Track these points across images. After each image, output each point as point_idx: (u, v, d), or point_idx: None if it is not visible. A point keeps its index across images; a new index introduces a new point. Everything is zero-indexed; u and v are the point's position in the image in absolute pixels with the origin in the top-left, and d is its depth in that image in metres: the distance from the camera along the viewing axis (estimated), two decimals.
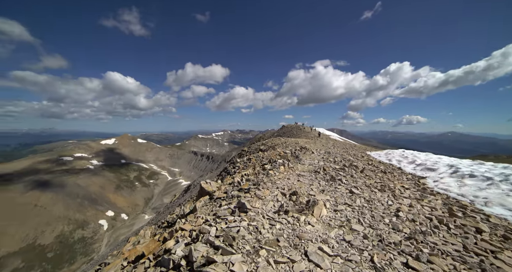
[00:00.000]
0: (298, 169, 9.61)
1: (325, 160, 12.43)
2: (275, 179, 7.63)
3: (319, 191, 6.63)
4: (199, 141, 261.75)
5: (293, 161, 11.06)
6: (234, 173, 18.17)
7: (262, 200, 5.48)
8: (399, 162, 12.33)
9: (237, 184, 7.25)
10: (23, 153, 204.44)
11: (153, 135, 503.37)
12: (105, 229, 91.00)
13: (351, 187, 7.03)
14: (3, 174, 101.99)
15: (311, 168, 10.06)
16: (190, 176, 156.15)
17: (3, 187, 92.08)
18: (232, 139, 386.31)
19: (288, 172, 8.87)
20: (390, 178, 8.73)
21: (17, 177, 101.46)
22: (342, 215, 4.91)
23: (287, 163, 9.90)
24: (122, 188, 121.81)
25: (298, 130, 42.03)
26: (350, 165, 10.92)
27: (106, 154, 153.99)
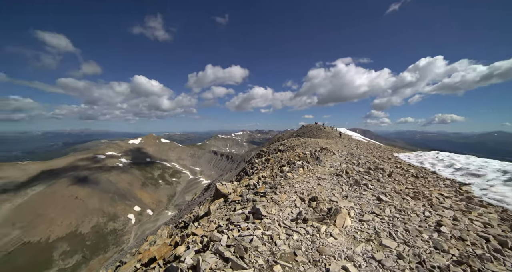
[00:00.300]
0: (318, 172, 9.03)
1: (347, 162, 11.60)
2: (293, 182, 7.19)
3: (341, 197, 6.05)
4: (219, 141, 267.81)
5: (313, 163, 10.46)
6: (252, 174, 17.98)
7: (278, 206, 5.11)
8: (433, 166, 11.01)
9: (253, 186, 6.97)
10: (67, 151, 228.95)
11: (176, 135, 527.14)
12: (133, 223, 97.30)
13: (379, 193, 6.30)
14: (52, 170, 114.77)
15: (333, 170, 9.40)
16: (210, 175, 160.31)
17: (52, 182, 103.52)
18: (251, 139, 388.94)
19: (307, 174, 8.35)
20: (424, 183, 7.72)
21: (62, 173, 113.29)
22: (369, 226, 4.29)
23: (307, 165, 9.36)
24: (147, 185, 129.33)
25: (318, 130, 40.56)
26: (376, 168, 10.00)
27: (133, 153, 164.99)
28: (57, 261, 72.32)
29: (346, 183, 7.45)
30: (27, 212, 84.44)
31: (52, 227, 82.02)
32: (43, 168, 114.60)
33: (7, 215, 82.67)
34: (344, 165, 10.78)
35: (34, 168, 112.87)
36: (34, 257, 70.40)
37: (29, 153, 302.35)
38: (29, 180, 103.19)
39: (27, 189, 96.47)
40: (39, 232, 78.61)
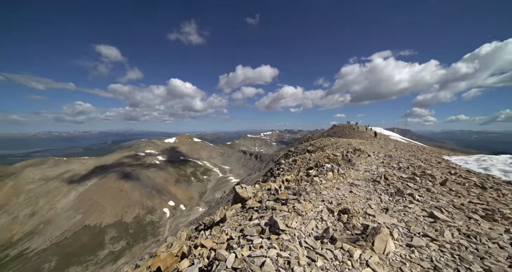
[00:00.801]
0: (350, 177, 7.87)
1: (386, 166, 10.02)
2: (320, 188, 6.29)
3: (380, 209, 4.94)
4: (248, 141, 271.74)
5: (345, 166, 9.27)
6: (277, 175, 17.24)
7: (301, 217, 4.35)
8: (506, 174, 8.71)
9: (275, 191, 6.28)
10: (114, 148, 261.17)
11: (207, 135, 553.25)
12: (168, 216, 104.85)
13: (431, 207, 4.96)
14: (103, 165, 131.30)
15: (368, 175, 8.10)
16: (239, 174, 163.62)
17: (104, 176, 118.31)
18: (280, 139, 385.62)
19: (337, 179, 7.31)
20: (497, 197, 5.94)
21: (111, 168, 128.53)
22: (423, 256, 3.09)
23: (337, 169, 8.27)
24: (180, 182, 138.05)
25: (351, 129, 37.47)
26: (423, 173, 8.29)
27: (169, 151, 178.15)
28: (108, 244, 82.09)
29: (386, 191, 6.20)
30: (86, 200, 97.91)
31: (104, 214, 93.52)
32: (97, 163, 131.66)
33: (73, 201, 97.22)
34: (382, 169, 9.29)
35: (91, 163, 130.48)
36: (91, 238, 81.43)
37: (87, 150, 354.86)
38: (88, 173, 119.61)
39: (86, 180, 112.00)
40: (94, 218, 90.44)
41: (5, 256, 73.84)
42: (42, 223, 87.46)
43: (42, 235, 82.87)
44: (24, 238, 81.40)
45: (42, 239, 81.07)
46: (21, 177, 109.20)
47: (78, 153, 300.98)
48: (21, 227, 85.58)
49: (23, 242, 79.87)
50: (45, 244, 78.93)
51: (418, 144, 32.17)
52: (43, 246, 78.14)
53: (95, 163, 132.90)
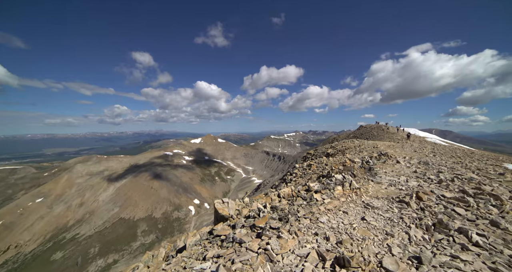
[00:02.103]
0: (367, 193, 5.96)
1: (420, 177, 7.66)
2: (319, 211, 4.63)
3: (407, 259, 3.08)
4: (271, 142, 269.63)
5: (362, 177, 7.32)
6: (289, 181, 15.57)
7: (273, 265, 2.88)
8: None
9: (257, 213, 4.84)
10: (146, 148, 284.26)
11: (231, 136, 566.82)
12: (193, 214, 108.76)
13: (507, 262, 2.97)
14: (137, 163, 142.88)
15: (393, 191, 6.07)
16: (262, 175, 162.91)
17: (137, 173, 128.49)
18: (305, 140, 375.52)
19: (348, 197, 5.52)
20: None
21: (143, 166, 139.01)
22: None
23: (350, 181, 6.40)
24: (205, 181, 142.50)
25: (380, 130, 33.32)
26: (478, 191, 5.83)
27: (195, 151, 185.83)
28: (139, 237, 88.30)
29: (418, 222, 4.16)
30: (122, 195, 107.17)
31: (136, 209, 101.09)
32: (131, 161, 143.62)
33: (111, 195, 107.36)
34: (414, 182, 7.03)
35: (126, 161, 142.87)
36: (126, 230, 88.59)
37: (123, 149, 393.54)
38: (123, 170, 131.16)
39: (122, 177, 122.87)
40: (128, 211, 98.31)
41: (63, 238, 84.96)
42: (88, 213, 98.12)
43: (88, 223, 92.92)
44: (76, 225, 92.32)
45: (88, 227, 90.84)
46: (73, 172, 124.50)
47: (115, 151, 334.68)
48: (73, 215, 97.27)
49: (75, 227, 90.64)
50: (90, 232, 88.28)
51: (464, 147, 26.75)
52: (89, 233, 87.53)
53: (130, 161, 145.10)
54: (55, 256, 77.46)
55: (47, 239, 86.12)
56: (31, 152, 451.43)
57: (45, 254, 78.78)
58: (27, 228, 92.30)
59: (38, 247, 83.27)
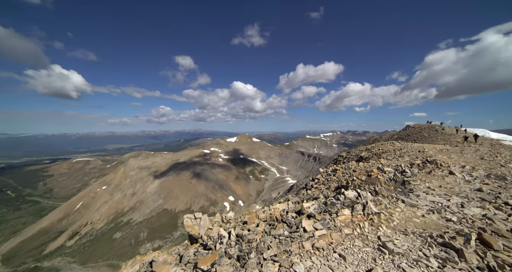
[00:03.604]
0: (391, 221, 4.07)
1: (486, 200, 5.18)
2: (300, 251, 3.15)
3: None
4: (307, 142, 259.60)
5: (388, 195, 5.32)
6: (311, 187, 13.79)
7: None
8: None
9: (213, 243, 3.65)
10: (186, 146, 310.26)
11: (265, 135, 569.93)
12: (227, 210, 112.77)
13: None
14: (178, 160, 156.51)
15: (434, 222, 4.03)
16: (296, 175, 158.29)
17: (178, 169, 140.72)
18: (342, 140, 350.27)
19: (356, 228, 3.80)
20: None
21: (183, 163, 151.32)
22: None
23: (365, 202, 4.54)
24: (240, 179, 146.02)
25: (432, 131, 27.28)
26: None
27: (230, 150, 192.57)
28: (180, 227, 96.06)
29: None
30: (165, 188, 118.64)
31: (177, 202, 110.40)
32: (173, 158, 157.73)
33: (156, 188, 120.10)
34: (477, 208, 4.69)
35: (169, 157, 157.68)
36: (169, 220, 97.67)
37: (167, 146, 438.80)
38: (167, 167, 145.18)
39: (165, 172, 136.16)
40: (171, 203, 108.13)
41: (120, 221, 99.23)
42: (138, 202, 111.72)
43: (138, 211, 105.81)
44: (130, 211, 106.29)
45: (139, 214, 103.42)
46: (128, 165, 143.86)
47: (160, 148, 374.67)
48: (128, 202, 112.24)
49: (129, 213, 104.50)
50: (140, 218, 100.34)
51: None
52: (139, 219, 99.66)
53: (172, 157, 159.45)
54: (116, 236, 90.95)
55: (110, 220, 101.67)
56: (98, 147, 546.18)
57: (109, 232, 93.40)
58: (97, 209, 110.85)
59: (105, 226, 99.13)
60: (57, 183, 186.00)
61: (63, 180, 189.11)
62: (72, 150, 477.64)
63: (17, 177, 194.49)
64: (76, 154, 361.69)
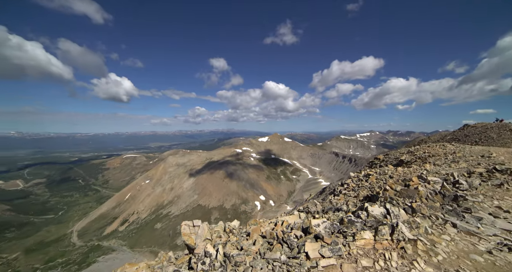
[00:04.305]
0: (433, 254, 2.88)
1: None
2: None
3: None
4: (341, 142, 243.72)
5: (431, 214, 3.98)
6: (339, 193, 12.43)
7: None
8: None
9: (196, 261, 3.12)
10: (219, 145, 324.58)
11: (297, 135, 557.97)
12: (258, 209, 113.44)
13: None
14: (212, 158, 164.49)
15: (507, 266, 2.73)
16: (330, 177, 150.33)
17: (211, 167, 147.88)
18: (382, 141, 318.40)
19: (378, 260, 2.80)
20: None
21: (217, 161, 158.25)
22: None
23: (394, 224, 3.38)
24: (271, 179, 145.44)
25: (505, 131, 21.62)
26: None
27: (261, 150, 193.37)
28: (213, 223, 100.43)
29: None
30: (199, 185, 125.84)
31: (211, 198, 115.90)
32: (208, 156, 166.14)
33: (192, 184, 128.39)
34: None
35: (203, 156, 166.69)
36: (202, 215, 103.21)
37: (202, 145, 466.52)
38: (201, 165, 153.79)
39: (200, 169, 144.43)
40: (205, 200, 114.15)
41: (160, 213, 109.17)
42: (176, 196, 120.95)
43: (176, 205, 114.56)
44: (168, 204, 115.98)
45: (176, 208, 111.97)
46: (167, 162, 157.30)
47: (195, 147, 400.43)
48: (167, 196, 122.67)
49: (168, 207, 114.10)
50: (177, 212, 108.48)
51: None
52: (176, 213, 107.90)
53: (206, 156, 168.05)
54: (157, 226, 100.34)
55: (152, 212, 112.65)
56: (143, 145, 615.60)
57: (151, 222, 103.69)
58: (142, 201, 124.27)
59: (148, 216, 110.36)
60: (112, 175, 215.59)
61: (116, 173, 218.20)
62: (123, 147, 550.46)
63: (85, 169, 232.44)
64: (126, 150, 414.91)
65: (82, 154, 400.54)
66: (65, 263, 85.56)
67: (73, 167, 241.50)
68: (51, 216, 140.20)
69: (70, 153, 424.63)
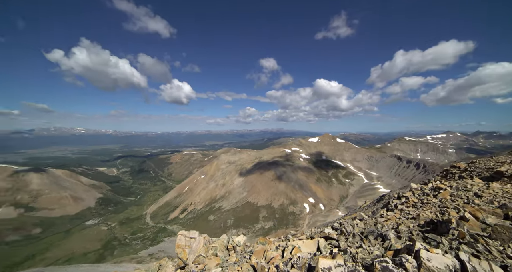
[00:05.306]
0: None
1: None
2: None
3: None
4: (406, 144, 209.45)
5: None
6: (394, 207, 10.73)
7: None
8: None
9: None
10: (269, 144, 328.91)
11: (351, 136, 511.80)
12: (307, 211, 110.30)
13: None
14: (262, 157, 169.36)
15: None
16: (390, 183, 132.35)
17: (260, 166, 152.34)
18: (466, 144, 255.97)
19: None
20: None
21: (266, 160, 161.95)
22: None
23: None
24: (321, 181, 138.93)
25: None
26: None
27: (311, 150, 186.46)
28: (260, 221, 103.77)
29: None
30: (249, 183, 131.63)
31: (259, 196, 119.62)
32: (257, 155, 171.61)
33: (241, 181, 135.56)
34: None
35: (253, 155, 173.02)
36: (251, 212, 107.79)
37: (252, 144, 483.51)
38: (251, 162, 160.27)
39: (250, 169, 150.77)
40: (253, 197, 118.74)
41: (213, 207, 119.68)
42: (227, 192, 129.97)
43: (227, 200, 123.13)
44: (220, 199, 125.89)
45: (227, 203, 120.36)
46: (220, 159, 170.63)
47: (246, 146, 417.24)
48: (219, 191, 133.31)
49: (220, 201, 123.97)
50: (228, 207, 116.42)
51: None
52: (227, 207, 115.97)
53: (256, 155, 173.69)
54: (210, 218, 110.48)
55: (206, 204, 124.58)
56: (199, 143, 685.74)
57: (205, 214, 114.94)
58: (198, 193, 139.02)
59: (202, 208, 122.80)
60: (174, 169, 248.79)
61: (177, 167, 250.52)
62: (183, 144, 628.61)
63: (155, 162, 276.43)
64: (185, 148, 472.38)
65: (153, 149, 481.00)
66: (142, 238, 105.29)
67: (146, 160, 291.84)
68: (132, 198, 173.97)
69: (145, 148, 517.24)
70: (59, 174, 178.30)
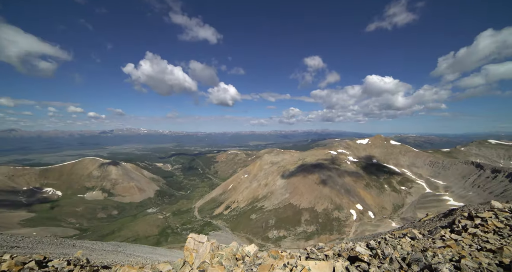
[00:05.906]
0: None
1: None
2: None
3: None
4: (489, 149, 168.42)
5: None
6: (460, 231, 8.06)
7: None
8: None
9: None
10: (312, 145, 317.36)
11: (409, 137, 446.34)
12: (354, 219, 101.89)
13: None
14: (305, 159, 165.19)
15: None
16: (464, 196, 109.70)
17: (304, 167, 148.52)
18: None
19: None
20: None
21: (310, 162, 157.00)
22: None
23: None
24: (371, 187, 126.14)
25: None
26: None
27: (360, 153, 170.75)
28: (302, 224, 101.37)
29: None
30: (291, 184, 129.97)
31: (302, 199, 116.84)
32: (300, 156, 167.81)
33: (284, 183, 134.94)
34: None
35: (296, 156, 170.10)
36: (293, 214, 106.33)
37: (295, 145, 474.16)
38: (294, 164, 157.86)
39: (293, 171, 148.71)
40: (296, 199, 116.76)
41: (255, 206, 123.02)
42: (269, 192, 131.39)
43: (269, 200, 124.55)
44: (262, 199, 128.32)
45: (269, 203, 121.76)
46: (262, 159, 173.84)
47: (289, 147, 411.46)
48: (261, 191, 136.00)
49: (262, 201, 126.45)
50: (270, 207, 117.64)
51: None
52: (269, 207, 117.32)
53: (299, 156, 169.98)
54: (252, 216, 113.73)
55: (249, 203, 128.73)
56: (243, 143, 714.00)
57: (248, 212, 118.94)
58: (241, 192, 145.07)
59: (245, 206, 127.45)
60: (220, 167, 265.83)
61: (222, 166, 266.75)
62: (228, 144, 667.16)
63: (203, 160, 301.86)
64: (230, 147, 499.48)
65: (201, 148, 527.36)
66: (191, 229, 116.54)
67: (195, 158, 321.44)
68: (183, 192, 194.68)
69: (194, 147, 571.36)
70: (129, 167, 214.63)
